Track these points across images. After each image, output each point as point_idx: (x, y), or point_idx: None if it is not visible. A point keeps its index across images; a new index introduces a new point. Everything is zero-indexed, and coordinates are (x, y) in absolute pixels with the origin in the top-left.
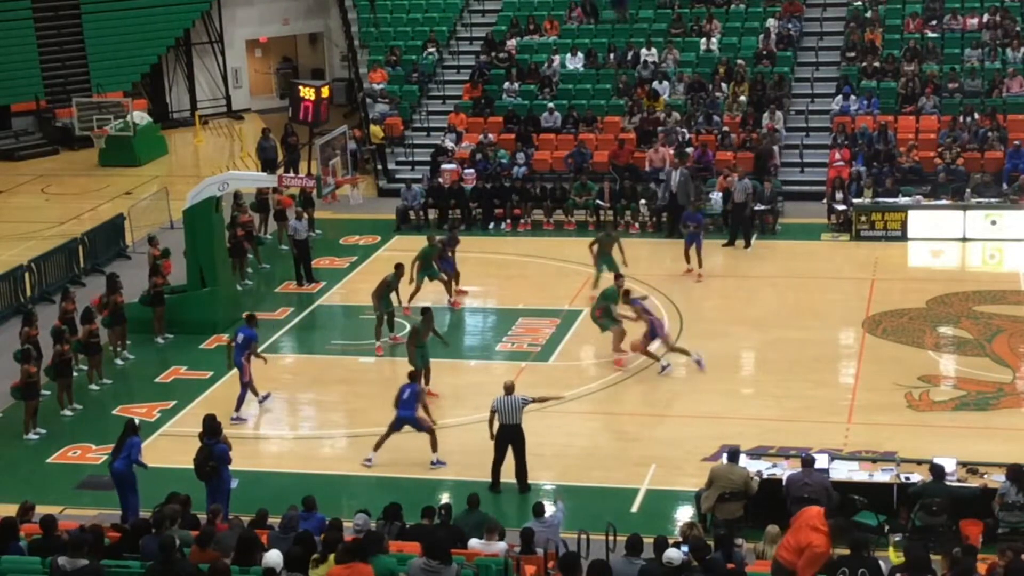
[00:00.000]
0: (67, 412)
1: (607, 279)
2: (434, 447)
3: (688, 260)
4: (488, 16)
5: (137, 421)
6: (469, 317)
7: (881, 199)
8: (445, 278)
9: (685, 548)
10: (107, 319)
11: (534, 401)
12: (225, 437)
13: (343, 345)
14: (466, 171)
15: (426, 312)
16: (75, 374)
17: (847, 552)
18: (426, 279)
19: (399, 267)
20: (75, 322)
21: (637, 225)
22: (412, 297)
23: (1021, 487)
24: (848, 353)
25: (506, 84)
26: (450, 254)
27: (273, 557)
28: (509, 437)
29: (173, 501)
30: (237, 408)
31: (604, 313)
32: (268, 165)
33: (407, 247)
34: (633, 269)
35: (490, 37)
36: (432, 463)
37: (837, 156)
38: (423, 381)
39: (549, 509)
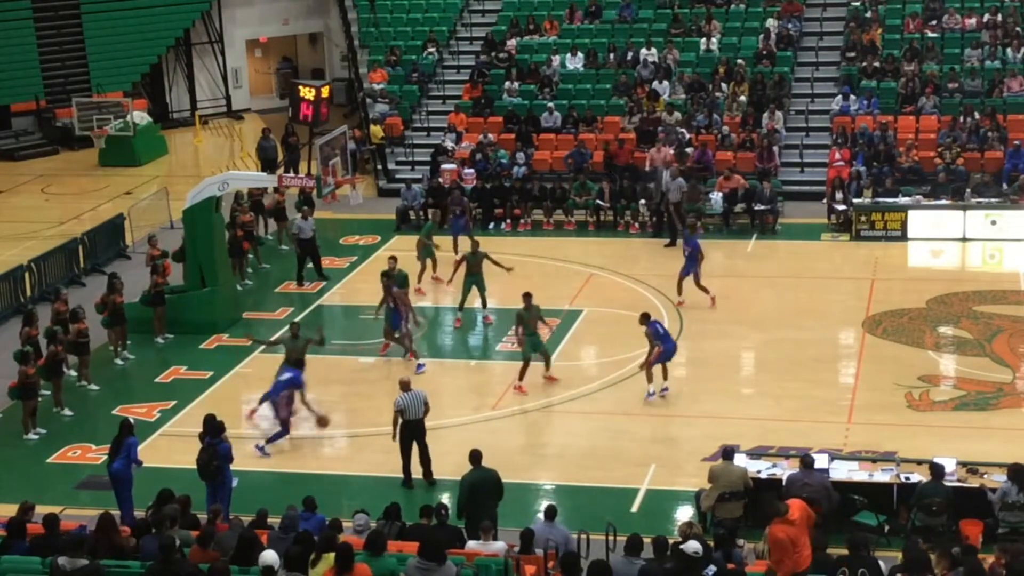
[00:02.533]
0: (67, 412)
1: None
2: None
3: (680, 291)
4: (488, 16)
5: (132, 420)
6: (470, 317)
7: (881, 199)
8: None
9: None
10: (107, 319)
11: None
12: (226, 436)
13: (343, 345)
14: (466, 171)
15: (527, 297)
16: (73, 374)
17: (846, 552)
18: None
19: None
20: (68, 323)
21: (637, 225)
22: (420, 277)
23: (1022, 487)
24: (848, 353)
25: (506, 84)
26: (459, 212)
27: (269, 556)
28: (414, 433)
29: (172, 501)
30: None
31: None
32: (268, 165)
33: (407, 247)
34: (633, 269)
35: (490, 37)
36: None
37: (837, 156)
38: (547, 368)
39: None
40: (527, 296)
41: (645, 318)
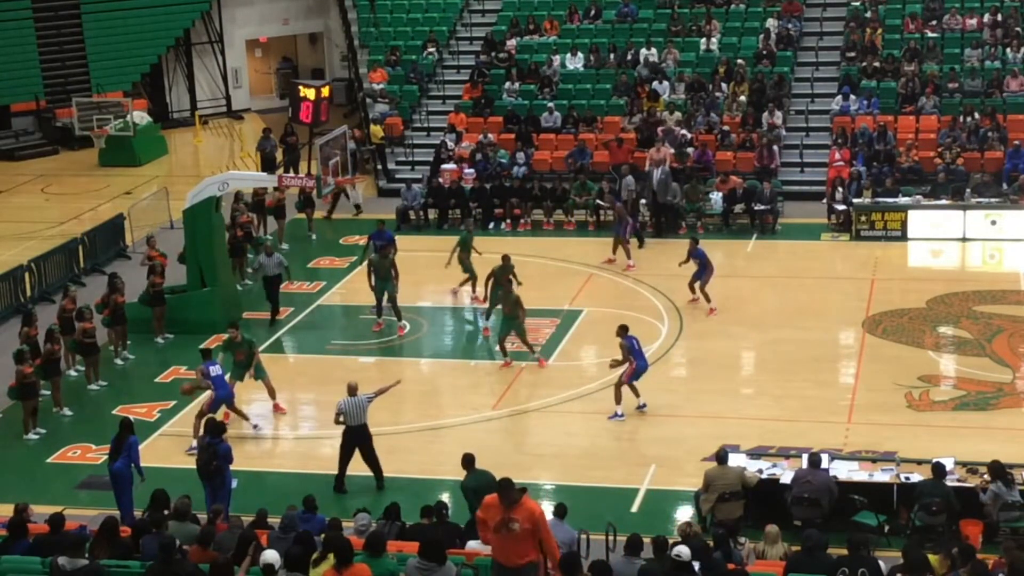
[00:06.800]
0: (67, 412)
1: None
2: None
3: (692, 292)
4: (488, 16)
5: (131, 419)
6: (469, 317)
7: (881, 199)
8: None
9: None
10: (107, 319)
11: (376, 395)
12: (226, 437)
13: (343, 345)
14: (466, 171)
15: (505, 258)
16: (74, 374)
17: (846, 552)
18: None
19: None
20: (72, 321)
21: (637, 225)
22: (474, 286)
23: (1006, 481)
24: (848, 353)
25: (506, 84)
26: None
27: (270, 555)
28: (357, 438)
29: (166, 505)
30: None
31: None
32: (268, 165)
33: (407, 247)
34: (633, 269)
35: (490, 37)
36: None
37: (837, 156)
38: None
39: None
40: (506, 257)
41: (623, 330)
